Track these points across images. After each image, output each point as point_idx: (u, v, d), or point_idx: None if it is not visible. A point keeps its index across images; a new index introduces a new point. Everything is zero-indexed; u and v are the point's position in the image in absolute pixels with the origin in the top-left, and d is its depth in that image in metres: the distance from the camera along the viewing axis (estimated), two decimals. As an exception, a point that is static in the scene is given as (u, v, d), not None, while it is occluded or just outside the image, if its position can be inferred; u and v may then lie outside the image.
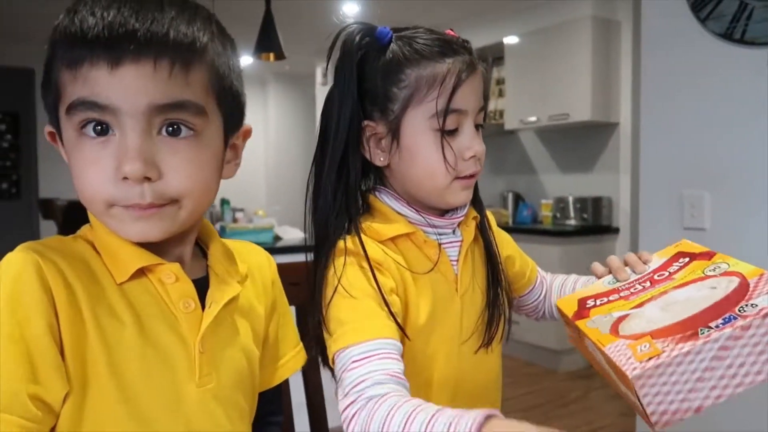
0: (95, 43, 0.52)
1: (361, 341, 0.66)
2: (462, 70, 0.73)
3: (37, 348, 0.51)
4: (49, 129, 0.60)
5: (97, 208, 0.57)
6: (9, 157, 5.96)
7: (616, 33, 3.60)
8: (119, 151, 0.54)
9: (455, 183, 0.76)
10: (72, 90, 0.53)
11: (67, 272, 0.55)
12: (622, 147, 3.66)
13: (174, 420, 0.58)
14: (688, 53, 1.62)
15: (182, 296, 0.60)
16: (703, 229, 1.61)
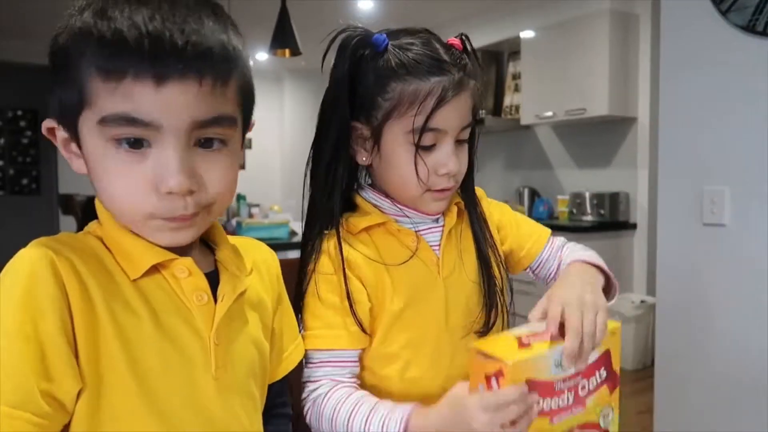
0: (140, 57, 0.50)
1: (318, 348, 0.78)
2: (446, 89, 0.74)
3: (50, 345, 0.51)
4: (50, 125, 0.59)
5: (132, 218, 0.57)
6: (29, 153, 6.05)
7: (635, 26, 3.55)
8: (160, 165, 0.54)
9: (427, 194, 0.79)
10: (110, 102, 0.52)
11: (80, 268, 0.55)
12: (640, 142, 3.61)
13: (192, 412, 0.59)
14: (708, 46, 1.59)
15: (195, 290, 0.61)
16: (722, 225, 1.59)
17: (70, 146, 0.59)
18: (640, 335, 3.32)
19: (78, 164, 0.59)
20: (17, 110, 5.95)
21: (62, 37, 0.55)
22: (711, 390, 1.63)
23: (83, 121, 0.55)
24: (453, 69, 0.75)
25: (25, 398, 0.49)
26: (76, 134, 0.57)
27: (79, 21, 0.53)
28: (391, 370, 0.80)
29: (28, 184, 6.06)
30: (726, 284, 1.59)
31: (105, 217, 0.60)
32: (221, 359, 0.62)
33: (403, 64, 0.75)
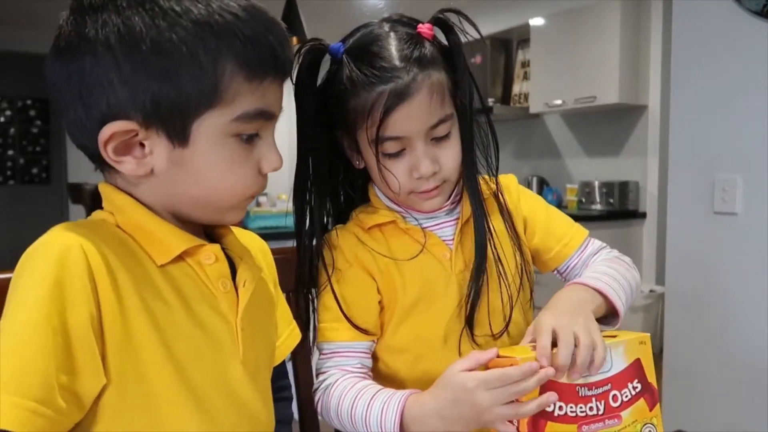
0: (277, 64, 0.59)
1: (328, 340, 0.79)
2: (390, 98, 0.71)
3: (77, 339, 0.50)
4: (130, 127, 0.55)
5: (230, 202, 0.61)
6: (39, 142, 6.08)
7: (646, 13, 3.50)
8: (266, 151, 0.61)
9: (413, 196, 0.78)
10: (248, 100, 0.57)
11: (110, 257, 0.54)
12: (651, 130, 3.58)
13: (225, 397, 0.60)
14: (721, 32, 1.57)
15: (220, 276, 0.62)
16: (734, 213, 1.57)
17: (132, 150, 0.56)
18: (649, 325, 3.31)
19: (139, 165, 0.57)
20: (27, 100, 5.97)
21: (174, 34, 0.53)
22: (720, 379, 1.63)
23: (204, 118, 0.56)
24: (402, 73, 0.71)
25: (48, 394, 0.47)
26: (184, 132, 0.56)
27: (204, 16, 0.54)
28: (401, 363, 0.80)
29: (38, 174, 6.10)
30: (737, 274, 1.57)
31: (127, 203, 0.59)
32: (248, 345, 0.63)
33: (351, 78, 0.73)
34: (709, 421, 1.64)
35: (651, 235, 3.61)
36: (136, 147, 0.56)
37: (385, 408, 0.70)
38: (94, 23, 0.53)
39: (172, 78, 0.54)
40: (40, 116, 6.06)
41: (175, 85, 0.54)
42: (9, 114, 5.96)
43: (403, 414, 0.68)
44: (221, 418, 0.59)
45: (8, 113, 5.96)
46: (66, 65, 0.55)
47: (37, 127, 6.07)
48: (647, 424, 0.65)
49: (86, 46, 0.53)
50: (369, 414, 0.71)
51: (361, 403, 0.72)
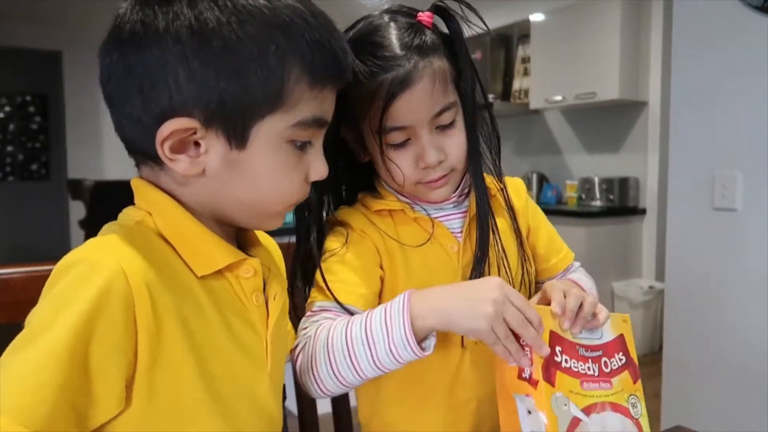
0: (338, 72, 0.58)
1: (321, 300, 0.73)
2: (392, 88, 0.70)
3: (97, 369, 0.47)
4: (191, 125, 0.52)
5: (275, 208, 0.60)
6: (38, 138, 6.07)
7: (646, 9, 3.50)
8: (315, 159, 0.60)
9: (420, 186, 0.77)
10: (309, 106, 0.56)
11: (151, 277, 0.51)
12: (651, 126, 3.57)
13: (255, 412, 0.60)
14: (722, 27, 1.57)
15: (255, 290, 0.60)
16: (734, 209, 1.57)
17: (187, 149, 0.54)
18: (649, 321, 3.31)
19: (191, 166, 0.54)
20: (26, 96, 5.96)
21: (241, 31, 0.51)
22: (719, 375, 1.63)
23: (265, 122, 0.54)
24: (403, 61, 0.70)
25: (53, 425, 0.45)
26: (243, 134, 0.54)
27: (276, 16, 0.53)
28: None
29: (37, 170, 6.09)
30: (736, 270, 1.58)
31: (171, 207, 0.56)
32: (274, 357, 0.62)
33: (353, 71, 0.72)
34: (708, 416, 1.65)
35: (651, 232, 3.61)
36: (191, 146, 0.54)
37: (389, 307, 0.65)
38: (165, 15, 0.51)
39: (240, 77, 0.52)
40: (39, 112, 6.05)
41: (243, 84, 0.52)
42: (8, 110, 5.95)
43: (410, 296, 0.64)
44: (247, 429, 0.59)
45: (7, 109, 5.94)
46: (127, 56, 0.53)
47: (36, 124, 6.06)
48: (632, 395, 0.68)
49: (155, 37, 0.51)
50: (370, 317, 0.65)
51: (357, 318, 0.66)
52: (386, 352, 0.63)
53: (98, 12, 4.73)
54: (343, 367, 0.65)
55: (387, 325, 0.63)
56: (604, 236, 3.44)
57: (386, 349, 0.63)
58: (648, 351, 3.30)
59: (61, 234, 5.55)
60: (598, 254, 3.37)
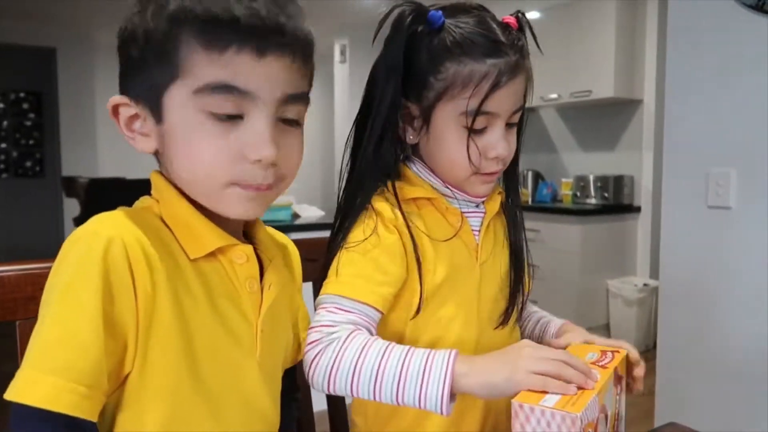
0: (245, 31, 0.53)
1: (345, 295, 0.72)
2: (501, 74, 0.72)
3: (121, 327, 0.53)
4: (121, 101, 0.58)
5: (211, 186, 0.57)
6: (32, 135, 6.04)
7: (642, 7, 3.51)
8: (252, 135, 0.56)
9: (474, 177, 0.78)
10: (208, 71, 0.54)
11: (148, 251, 0.55)
12: (646, 124, 3.58)
13: (236, 394, 0.61)
14: (716, 26, 1.57)
15: (248, 277, 0.63)
16: (728, 207, 1.58)
17: (134, 124, 0.59)
18: (643, 318, 3.33)
19: (143, 141, 0.59)
20: (20, 93, 5.93)
21: (153, 21, 0.55)
22: (713, 373, 1.64)
23: (172, 94, 0.56)
24: (509, 50, 0.73)
25: (99, 378, 0.51)
26: (158, 108, 0.57)
27: (175, 3, 0.54)
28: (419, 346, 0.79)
29: (31, 167, 6.06)
30: (731, 268, 1.58)
31: (171, 194, 0.60)
32: (265, 346, 0.64)
33: (459, 43, 0.72)
34: (702, 414, 1.65)
35: (645, 229, 3.62)
36: (139, 122, 0.59)
37: (432, 352, 0.66)
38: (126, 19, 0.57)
39: (135, 47, 0.56)
40: (33, 109, 6.02)
41: (137, 54, 0.56)
42: (2, 107, 5.92)
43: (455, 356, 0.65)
44: (229, 413, 0.60)
45: (1, 106, 5.91)
46: None
47: (30, 120, 6.03)
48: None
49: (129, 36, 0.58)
50: (409, 358, 0.65)
51: (395, 352, 0.66)
52: (414, 397, 0.64)
53: (92, 9, 4.72)
54: (364, 388, 0.66)
55: (424, 375, 0.64)
56: (598, 234, 3.45)
57: (415, 395, 0.64)
58: (642, 348, 3.31)
59: (56, 231, 5.53)
60: (593, 252, 3.39)
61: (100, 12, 4.59)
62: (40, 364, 0.49)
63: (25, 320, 0.73)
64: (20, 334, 0.73)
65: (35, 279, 0.74)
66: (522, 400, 0.58)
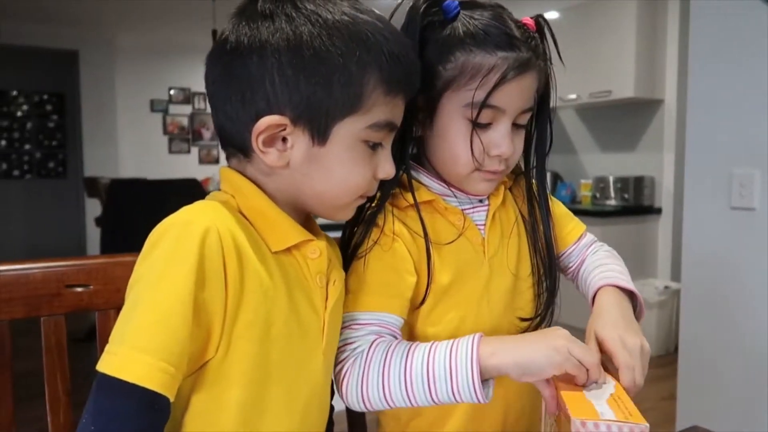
0: (407, 80, 0.66)
1: (364, 310, 0.73)
2: (510, 68, 0.70)
3: (209, 314, 0.56)
4: (278, 122, 0.61)
5: (346, 199, 0.67)
6: (55, 137, 6.15)
7: (662, 6, 3.46)
8: (382, 161, 0.68)
9: (476, 174, 0.76)
10: (382, 111, 0.64)
11: (239, 240, 0.59)
12: (667, 124, 3.54)
13: (305, 384, 0.65)
14: (739, 24, 1.55)
15: (318, 272, 0.67)
16: (752, 209, 1.55)
17: (276, 143, 0.62)
18: (664, 321, 3.28)
19: (275, 159, 0.62)
20: (44, 95, 6.04)
21: (329, 43, 0.60)
22: (736, 376, 1.61)
23: (345, 122, 0.62)
24: (522, 46, 0.72)
25: (183, 360, 0.54)
26: (325, 133, 0.62)
27: (355, 32, 0.60)
28: None
29: (54, 168, 6.17)
30: (754, 270, 1.56)
31: (251, 189, 0.64)
32: (330, 339, 0.68)
33: (471, 33, 0.71)
34: (725, 417, 1.63)
35: (666, 231, 3.57)
36: (280, 141, 0.62)
37: (455, 347, 0.65)
38: (267, 29, 0.60)
39: (326, 83, 0.60)
40: (56, 111, 6.12)
41: (327, 89, 0.60)
42: (26, 108, 6.03)
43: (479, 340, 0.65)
44: (299, 401, 0.65)
45: (25, 108, 6.02)
46: (231, 63, 0.62)
47: (53, 122, 6.13)
48: None
49: (257, 48, 0.60)
50: (433, 353, 0.66)
51: (419, 350, 0.67)
52: (447, 393, 0.64)
53: (114, 12, 4.79)
54: (397, 396, 0.66)
55: (451, 367, 0.64)
56: (618, 236, 3.41)
57: (448, 391, 0.64)
58: (663, 352, 3.27)
59: (78, 231, 5.61)
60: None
61: (122, 15, 4.66)
62: (138, 344, 0.52)
63: (49, 317, 0.75)
64: (44, 331, 0.75)
65: (59, 276, 0.75)
66: (582, 416, 0.56)
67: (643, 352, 0.68)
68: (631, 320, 0.74)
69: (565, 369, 0.61)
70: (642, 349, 0.68)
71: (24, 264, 0.74)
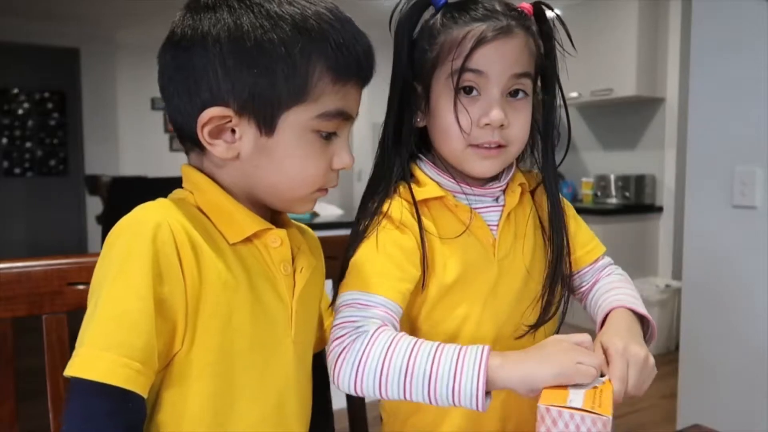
0: (359, 66, 0.64)
1: (367, 291, 0.71)
2: (486, 31, 0.72)
3: (170, 308, 0.57)
4: (220, 113, 0.60)
5: (302, 191, 0.66)
6: (56, 135, 6.15)
7: (664, 4, 3.46)
8: (339, 149, 0.66)
9: (470, 150, 0.75)
10: (331, 100, 0.62)
11: (192, 233, 0.59)
12: (668, 123, 3.53)
13: (273, 370, 0.65)
14: (741, 21, 1.55)
15: (282, 260, 0.67)
16: (753, 207, 1.55)
17: (224, 135, 0.62)
18: (665, 320, 3.28)
19: (227, 149, 0.62)
20: (44, 92, 6.04)
21: (274, 34, 0.59)
22: (737, 374, 1.61)
23: (291, 112, 0.61)
24: (501, 17, 0.73)
25: (150, 355, 0.54)
26: (272, 124, 0.62)
27: (299, 21, 0.60)
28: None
29: (55, 166, 6.17)
30: (755, 268, 1.55)
31: (207, 184, 0.65)
32: (299, 327, 0.68)
33: (452, 16, 0.74)
34: (726, 416, 1.63)
35: (668, 230, 3.57)
36: (228, 132, 0.62)
37: (464, 351, 0.63)
38: (209, 20, 0.60)
39: (269, 73, 0.60)
40: (57, 109, 6.12)
41: (271, 79, 0.60)
42: (27, 106, 6.03)
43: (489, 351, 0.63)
44: (269, 390, 0.65)
45: (26, 106, 6.02)
46: (178, 56, 0.62)
47: (54, 120, 6.13)
48: None
49: (200, 40, 0.60)
50: (440, 353, 0.64)
51: (423, 348, 0.65)
52: (447, 393, 0.63)
53: (115, 10, 4.78)
54: (393, 387, 0.64)
55: (457, 369, 0.62)
56: (619, 234, 3.41)
57: (448, 391, 0.62)
58: (664, 350, 3.27)
59: (79, 229, 5.62)
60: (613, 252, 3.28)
61: (123, 13, 4.65)
62: (97, 342, 0.53)
63: (51, 314, 0.75)
64: (46, 329, 0.75)
65: (61, 274, 0.75)
66: (547, 402, 0.56)
67: (647, 364, 0.67)
68: (637, 334, 0.73)
69: (576, 381, 0.60)
70: (646, 360, 0.66)
71: (26, 262, 0.74)
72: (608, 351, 0.67)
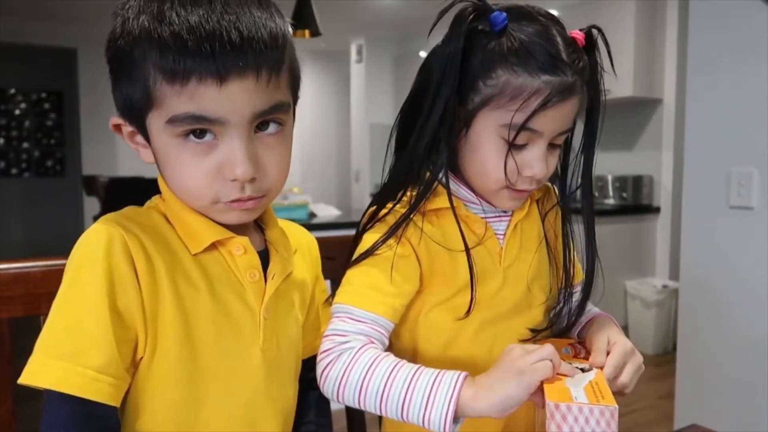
0: (202, 59, 0.53)
1: (357, 306, 0.72)
2: (553, 94, 0.68)
3: (127, 316, 0.57)
4: (117, 122, 0.63)
5: (200, 203, 0.62)
6: (53, 135, 6.14)
7: (662, 5, 3.47)
8: (227, 156, 0.58)
9: (505, 191, 0.76)
10: (176, 103, 0.55)
11: (147, 245, 0.59)
12: (665, 123, 3.54)
13: (239, 379, 0.65)
14: (738, 23, 1.55)
15: (249, 267, 0.66)
16: (750, 207, 1.56)
17: (136, 138, 0.63)
18: (662, 320, 3.29)
19: (145, 154, 0.63)
20: (41, 93, 6.03)
21: (122, 41, 0.57)
22: (735, 375, 1.61)
23: (151, 120, 0.59)
24: (567, 70, 0.69)
25: (109, 362, 0.55)
26: (144, 129, 0.61)
27: (137, 25, 0.55)
28: (431, 345, 0.79)
29: (52, 166, 6.16)
30: (753, 269, 1.56)
31: (169, 195, 0.64)
32: (269, 333, 0.67)
33: (515, 51, 0.69)
34: (723, 416, 1.63)
35: (665, 230, 3.58)
36: (137, 136, 0.63)
37: (441, 373, 0.64)
38: (111, 33, 0.60)
39: (121, 80, 0.59)
40: (54, 109, 6.11)
41: (123, 87, 0.59)
42: (24, 107, 6.02)
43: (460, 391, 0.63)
44: (237, 397, 0.64)
45: (23, 106, 6.01)
46: None
47: (51, 120, 6.12)
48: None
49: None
50: (417, 378, 0.64)
51: (402, 371, 0.65)
52: (418, 419, 0.64)
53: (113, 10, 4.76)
54: (371, 402, 0.66)
55: (429, 398, 0.63)
56: (617, 235, 3.41)
57: (419, 417, 0.64)
58: (661, 351, 3.27)
59: (76, 229, 5.60)
60: (611, 253, 3.35)
61: (120, 13, 4.64)
62: (49, 351, 0.54)
63: (48, 315, 0.75)
64: (43, 329, 0.75)
65: (58, 275, 0.74)
66: (554, 398, 0.58)
67: (641, 368, 0.70)
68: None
69: (539, 380, 0.61)
70: (641, 365, 0.70)
71: (23, 262, 0.74)
72: (615, 346, 0.70)
